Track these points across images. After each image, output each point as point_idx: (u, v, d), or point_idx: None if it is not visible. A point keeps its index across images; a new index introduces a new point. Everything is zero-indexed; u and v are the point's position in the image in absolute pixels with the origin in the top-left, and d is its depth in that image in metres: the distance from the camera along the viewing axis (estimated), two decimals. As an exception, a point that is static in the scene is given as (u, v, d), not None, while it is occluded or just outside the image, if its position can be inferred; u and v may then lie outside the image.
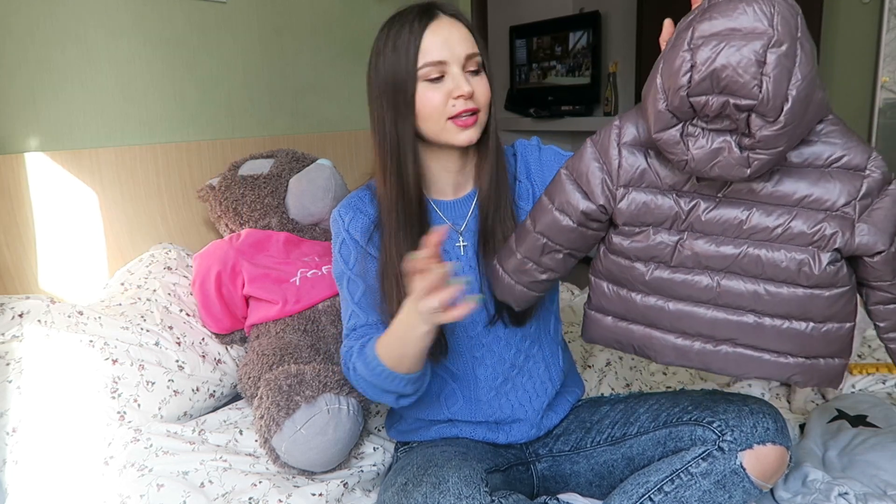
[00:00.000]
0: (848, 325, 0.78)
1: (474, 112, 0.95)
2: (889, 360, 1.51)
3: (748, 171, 0.71)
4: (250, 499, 1.01)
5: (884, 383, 1.41)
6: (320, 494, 1.03)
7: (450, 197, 1.04)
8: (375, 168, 1.00)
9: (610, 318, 0.88)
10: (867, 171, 0.73)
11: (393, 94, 0.94)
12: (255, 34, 1.89)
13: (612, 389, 1.46)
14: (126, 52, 1.59)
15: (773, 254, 0.76)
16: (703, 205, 0.78)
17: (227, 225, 1.61)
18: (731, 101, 0.67)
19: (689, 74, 0.67)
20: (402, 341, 0.89)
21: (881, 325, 0.80)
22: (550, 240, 0.86)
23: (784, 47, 0.64)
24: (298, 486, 1.06)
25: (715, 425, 0.92)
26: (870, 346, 1.58)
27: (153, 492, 1.01)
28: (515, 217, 1.02)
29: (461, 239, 1.03)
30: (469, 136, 0.95)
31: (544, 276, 0.90)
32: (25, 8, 1.40)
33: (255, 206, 1.55)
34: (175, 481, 1.03)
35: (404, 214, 0.97)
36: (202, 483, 1.04)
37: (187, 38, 1.72)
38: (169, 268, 1.51)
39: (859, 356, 1.53)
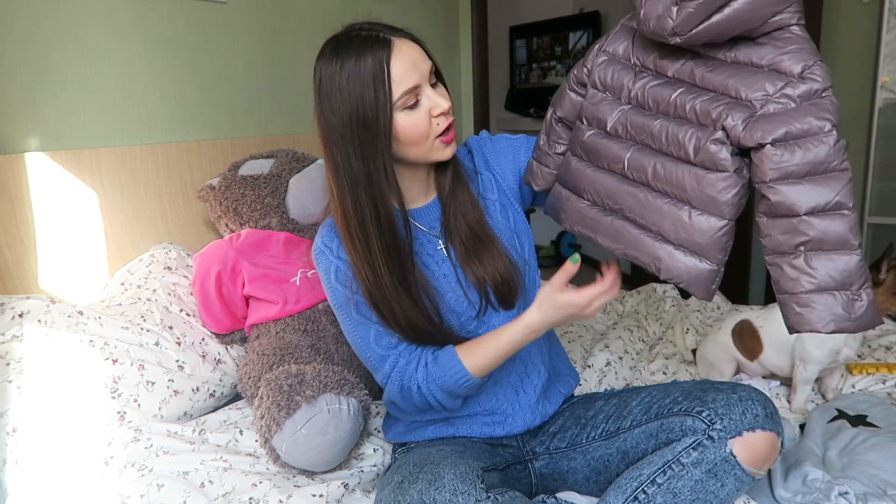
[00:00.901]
0: (723, 222, 0.78)
1: (452, 123, 0.97)
2: (889, 361, 1.51)
3: (672, 22, 0.74)
4: (250, 499, 1.01)
5: (884, 383, 1.41)
6: (321, 495, 1.03)
7: (421, 203, 1.06)
8: (337, 210, 0.96)
9: (558, 182, 0.97)
10: (794, 77, 0.73)
11: (361, 130, 0.90)
12: (255, 34, 1.89)
13: (611, 389, 1.46)
14: (126, 52, 1.59)
15: (678, 128, 0.79)
16: (650, 81, 0.83)
17: (227, 225, 1.61)
18: None
19: None
20: (510, 348, 0.97)
21: (762, 241, 0.78)
22: (554, 108, 0.97)
23: None
24: (299, 487, 1.06)
25: (704, 415, 0.92)
26: (870, 346, 1.58)
27: (153, 492, 1.01)
28: (480, 208, 1.05)
29: (440, 242, 1.04)
30: (453, 148, 0.99)
31: (550, 150, 0.98)
32: (25, 8, 1.40)
33: (255, 206, 1.55)
34: (175, 481, 1.03)
35: (393, 246, 0.96)
36: (202, 483, 1.04)
37: (187, 38, 1.72)
38: (169, 268, 1.51)
39: (859, 356, 1.53)
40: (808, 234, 0.73)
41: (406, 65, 0.90)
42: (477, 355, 0.98)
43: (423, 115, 0.93)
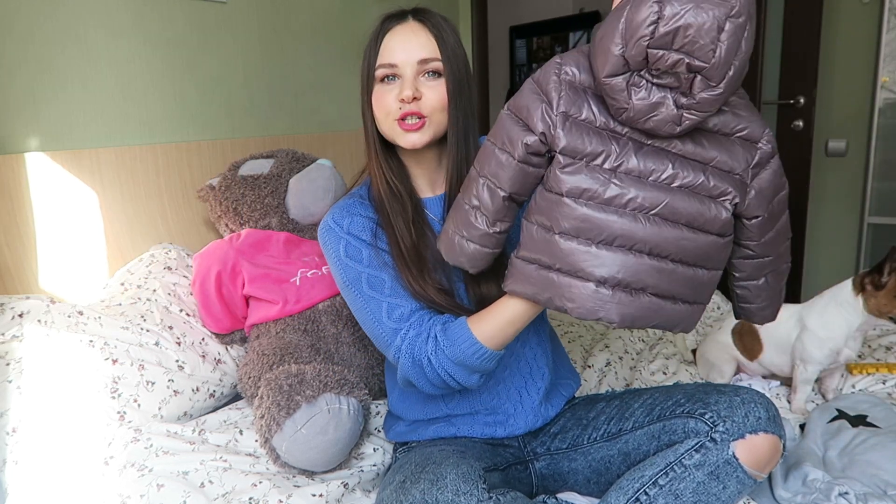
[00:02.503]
0: (719, 272, 0.86)
1: (421, 117, 0.97)
2: (889, 361, 1.51)
3: (679, 129, 0.76)
4: (250, 499, 1.01)
5: (884, 383, 1.41)
6: (320, 495, 1.03)
7: (427, 194, 1.07)
8: (368, 156, 1.05)
9: (534, 266, 0.84)
10: (760, 144, 0.81)
11: (363, 92, 1.01)
12: (255, 34, 1.89)
13: (612, 389, 1.46)
14: (126, 52, 1.59)
15: (690, 201, 0.80)
16: (634, 149, 0.80)
17: (227, 225, 1.61)
18: (686, 60, 0.71)
19: (653, 26, 0.70)
20: (517, 311, 0.89)
21: (738, 274, 0.90)
22: (494, 182, 0.84)
23: (741, 19, 0.68)
24: (299, 487, 1.06)
25: (707, 417, 0.92)
26: (870, 347, 1.58)
27: (153, 492, 1.01)
28: None
29: None
30: (413, 140, 0.98)
31: (493, 229, 0.86)
32: (25, 8, 1.40)
33: (255, 206, 1.55)
34: (175, 481, 1.03)
35: (396, 204, 1.01)
36: (202, 483, 1.04)
37: (187, 38, 1.72)
38: (169, 268, 1.51)
39: (859, 356, 1.53)
40: (773, 267, 0.90)
41: (396, 42, 0.97)
42: (487, 321, 0.91)
43: (389, 94, 0.97)
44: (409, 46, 0.96)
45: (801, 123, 2.26)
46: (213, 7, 1.77)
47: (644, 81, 0.74)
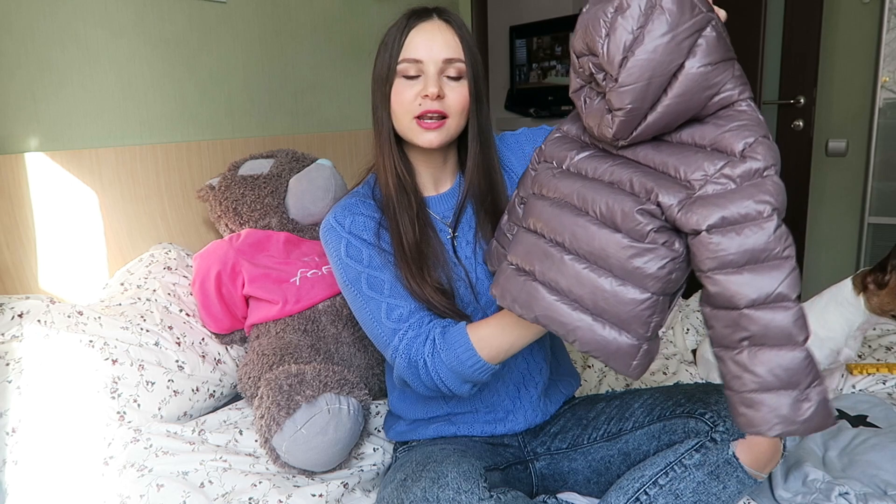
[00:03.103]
0: (645, 295, 0.72)
1: (442, 116, 0.96)
2: (889, 361, 1.51)
3: (611, 130, 0.74)
4: (250, 499, 1.01)
5: (884, 383, 1.41)
6: (320, 495, 1.03)
7: (431, 192, 1.07)
8: (377, 155, 1.03)
9: (511, 267, 0.84)
10: (735, 156, 0.69)
11: (379, 86, 0.98)
12: (255, 34, 1.89)
13: (612, 389, 1.46)
14: (126, 52, 1.59)
15: (608, 194, 0.75)
16: (593, 154, 0.81)
17: (227, 225, 1.61)
18: (590, 59, 0.73)
19: (575, 35, 0.74)
20: (517, 333, 0.88)
21: (709, 334, 0.74)
22: (519, 190, 0.92)
23: (628, 11, 0.68)
24: (298, 487, 1.05)
25: (707, 417, 0.92)
26: (870, 347, 1.58)
27: (153, 492, 1.01)
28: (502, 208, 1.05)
29: (451, 231, 1.04)
30: (430, 139, 0.97)
31: (512, 231, 0.93)
32: (25, 7, 1.40)
33: (255, 206, 1.55)
34: (175, 481, 1.03)
35: (404, 199, 1.00)
36: (202, 483, 1.04)
37: (187, 38, 1.72)
38: (169, 268, 1.51)
39: (859, 356, 1.53)
40: (750, 330, 0.68)
41: (421, 38, 0.95)
42: (485, 330, 0.90)
43: (410, 90, 0.96)
44: (435, 44, 0.95)
45: (801, 123, 2.26)
46: (213, 7, 1.77)
47: (594, 92, 0.77)
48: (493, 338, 0.89)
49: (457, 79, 0.97)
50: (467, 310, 1.01)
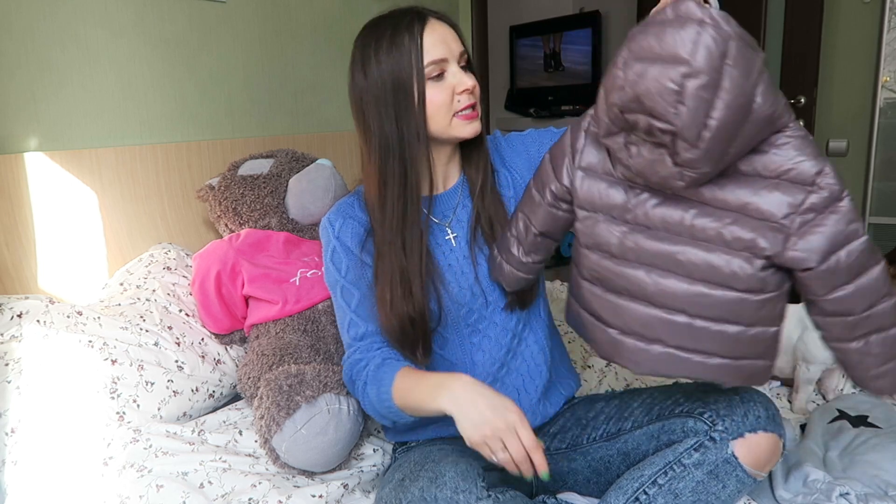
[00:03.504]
0: (773, 329, 0.79)
1: (475, 105, 0.98)
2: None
3: (682, 184, 0.72)
4: (250, 499, 1.00)
5: (885, 383, 1.41)
6: (320, 495, 1.03)
7: (440, 190, 1.06)
8: (369, 174, 0.99)
9: (575, 302, 0.91)
10: (813, 186, 0.71)
11: (394, 95, 0.94)
12: (255, 34, 1.89)
13: (612, 389, 1.46)
14: (126, 52, 1.59)
15: (710, 255, 0.76)
16: (650, 200, 0.79)
17: (226, 225, 1.61)
18: (653, 123, 0.67)
19: (621, 92, 0.69)
20: (422, 395, 0.90)
21: (824, 333, 0.81)
22: (529, 219, 0.92)
23: (702, 78, 0.63)
24: (298, 487, 1.05)
25: (706, 416, 0.92)
26: (870, 347, 1.57)
27: (153, 492, 1.01)
28: (504, 206, 1.05)
29: (450, 231, 1.04)
30: (475, 127, 0.99)
31: (527, 259, 0.95)
32: (25, 8, 1.40)
33: (254, 206, 1.55)
34: (175, 482, 1.03)
35: (407, 217, 0.98)
36: (202, 483, 1.04)
37: (187, 37, 1.72)
38: (168, 268, 1.51)
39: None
40: (869, 327, 0.76)
41: (437, 38, 0.95)
42: (406, 381, 0.93)
43: (445, 89, 0.95)
44: (449, 40, 0.96)
45: (801, 123, 2.26)
46: (213, 7, 1.77)
47: (639, 140, 0.73)
48: (406, 395, 0.92)
49: (466, 67, 0.99)
50: (462, 300, 1.02)
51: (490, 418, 0.83)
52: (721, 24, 0.63)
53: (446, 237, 1.04)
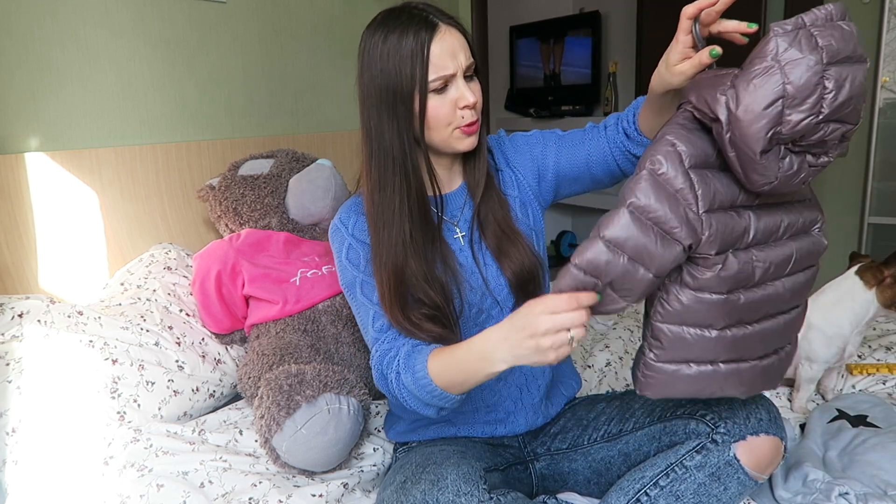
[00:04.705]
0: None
1: (476, 119, 0.96)
2: (889, 361, 1.51)
3: (806, 183, 0.75)
4: (250, 499, 1.01)
5: (884, 384, 1.41)
6: (320, 495, 1.03)
7: (445, 190, 1.06)
8: (369, 179, 0.97)
9: (693, 364, 0.80)
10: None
11: (393, 102, 0.92)
12: (255, 34, 1.89)
13: (612, 389, 1.46)
14: (126, 52, 1.59)
15: (803, 242, 0.81)
16: (755, 215, 0.77)
17: (227, 225, 1.61)
18: (842, 128, 0.68)
19: (824, 99, 0.66)
20: (469, 371, 0.85)
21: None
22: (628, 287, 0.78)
23: (866, 67, 0.67)
24: (298, 487, 1.05)
25: (708, 418, 0.92)
26: (870, 347, 1.58)
27: (153, 492, 1.01)
28: (507, 205, 1.04)
29: (458, 230, 1.04)
30: (472, 141, 0.97)
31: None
32: (25, 8, 1.40)
33: (255, 206, 1.55)
34: (175, 481, 1.03)
35: (417, 217, 0.96)
36: (202, 483, 1.04)
37: (187, 38, 1.72)
38: (169, 268, 1.51)
39: (859, 356, 1.53)
40: None
41: (445, 50, 0.91)
42: (442, 360, 0.88)
43: (448, 103, 0.93)
44: (457, 51, 0.92)
45: (801, 123, 2.26)
46: (213, 7, 1.77)
47: (788, 152, 0.71)
48: (447, 371, 0.87)
49: (472, 77, 0.96)
50: (473, 299, 1.01)
51: (529, 338, 0.77)
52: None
53: (455, 236, 1.04)
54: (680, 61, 0.80)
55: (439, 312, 0.95)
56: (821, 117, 0.66)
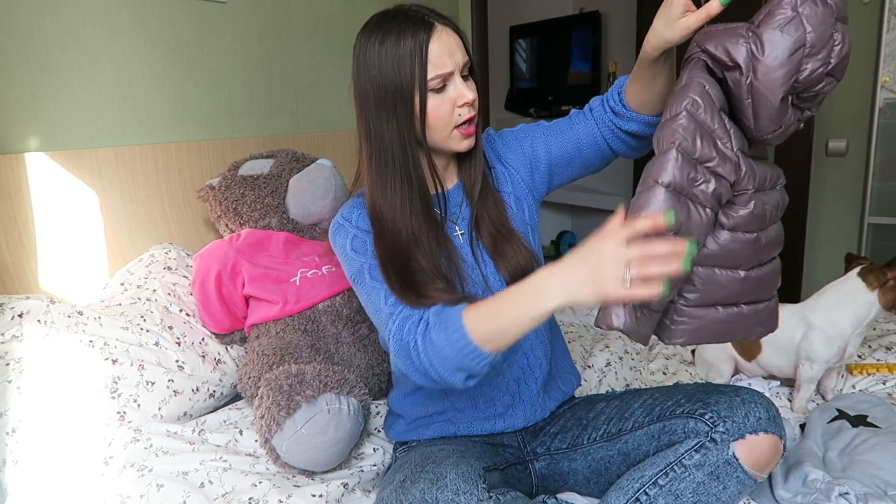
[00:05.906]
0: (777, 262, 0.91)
1: (474, 118, 0.97)
2: (889, 361, 1.51)
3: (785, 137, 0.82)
4: (250, 499, 1.01)
5: (884, 383, 1.41)
6: (320, 495, 1.03)
7: (448, 186, 1.06)
8: (370, 180, 0.97)
9: (721, 308, 0.86)
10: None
11: (393, 102, 0.92)
12: (255, 34, 1.89)
13: (612, 389, 1.46)
14: (126, 52, 1.59)
15: (780, 195, 0.88)
16: (756, 162, 0.85)
17: (227, 225, 1.61)
18: (834, 84, 0.76)
19: (833, 51, 0.73)
20: (511, 316, 0.80)
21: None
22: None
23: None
24: (298, 487, 1.05)
25: (707, 417, 0.92)
26: (870, 347, 1.58)
27: (153, 492, 1.01)
28: (503, 203, 1.05)
29: (457, 228, 1.04)
30: (470, 142, 0.98)
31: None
32: (25, 8, 1.40)
33: (255, 206, 1.55)
34: (175, 481, 1.03)
35: (421, 215, 0.96)
36: (202, 483, 1.04)
37: (187, 38, 1.72)
38: (169, 268, 1.51)
39: (859, 356, 1.53)
40: None
41: (443, 49, 0.92)
42: (480, 311, 0.83)
43: (446, 102, 0.93)
44: (455, 50, 0.93)
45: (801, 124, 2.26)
46: (213, 7, 1.77)
47: (790, 100, 0.79)
48: (486, 320, 0.82)
49: (468, 76, 0.97)
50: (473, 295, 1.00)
51: (597, 264, 0.73)
52: None
53: (455, 233, 1.05)
54: (682, 15, 0.81)
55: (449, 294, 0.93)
56: (829, 68, 0.73)
